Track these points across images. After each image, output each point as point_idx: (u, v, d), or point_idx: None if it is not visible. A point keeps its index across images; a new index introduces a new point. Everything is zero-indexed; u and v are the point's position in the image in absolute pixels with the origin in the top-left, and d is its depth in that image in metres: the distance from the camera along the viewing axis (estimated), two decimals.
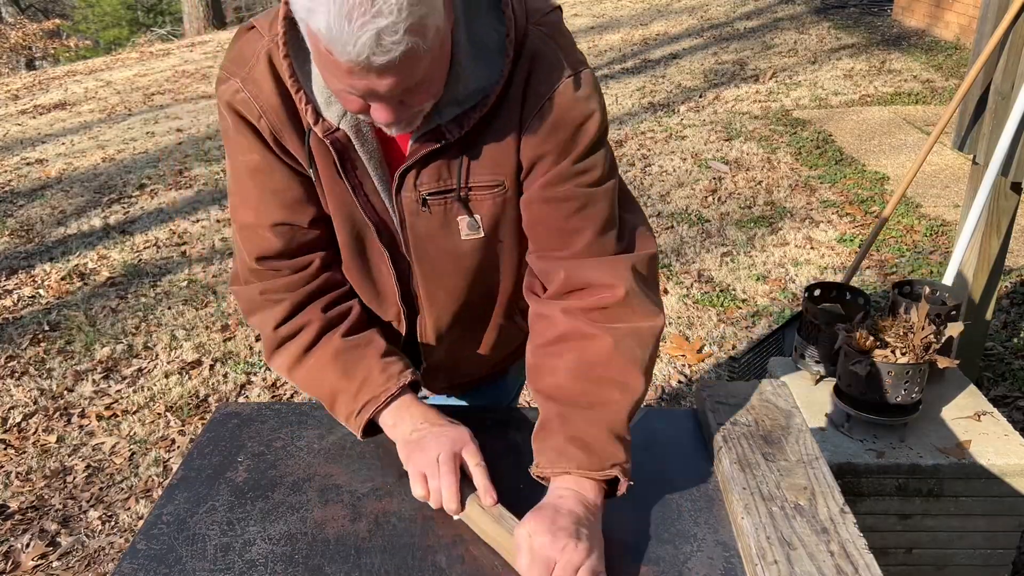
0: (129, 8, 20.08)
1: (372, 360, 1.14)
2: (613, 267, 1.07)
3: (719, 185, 4.78)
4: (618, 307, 1.06)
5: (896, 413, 1.92)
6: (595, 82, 1.06)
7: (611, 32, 9.23)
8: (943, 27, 7.77)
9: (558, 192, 1.06)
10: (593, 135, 1.05)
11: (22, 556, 2.40)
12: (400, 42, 0.82)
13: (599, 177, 1.07)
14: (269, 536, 1.04)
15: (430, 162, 1.05)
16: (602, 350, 1.05)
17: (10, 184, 5.82)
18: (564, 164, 1.05)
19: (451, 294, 1.19)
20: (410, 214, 1.09)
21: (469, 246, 1.12)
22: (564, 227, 1.07)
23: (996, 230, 2.45)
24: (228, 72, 1.06)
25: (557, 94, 1.02)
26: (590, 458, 1.01)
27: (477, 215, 1.09)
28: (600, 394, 1.04)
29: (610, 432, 1.02)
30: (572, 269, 1.08)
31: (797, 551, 0.95)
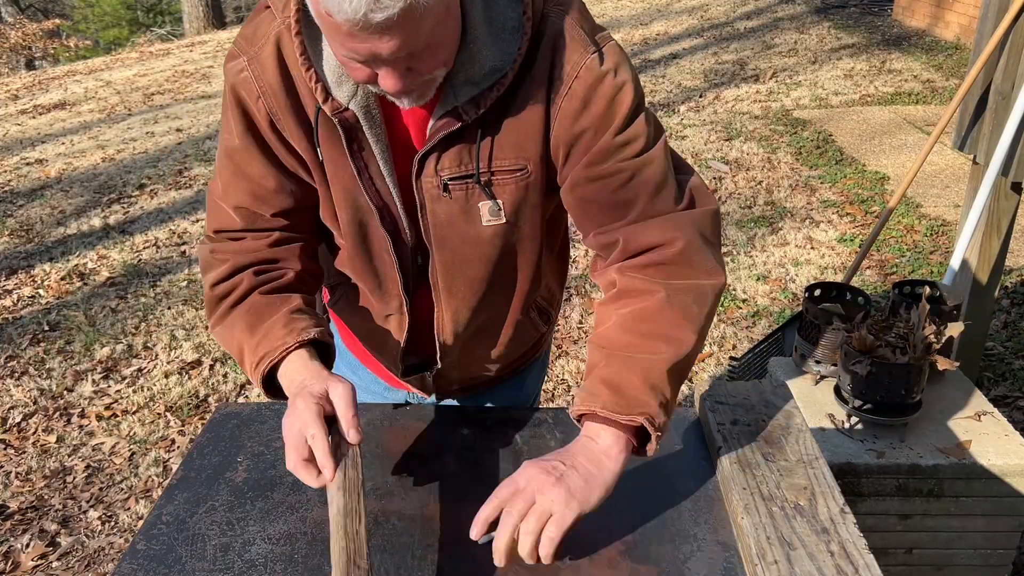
0: (129, 8, 20.08)
1: (280, 315, 1.10)
2: (671, 224, 1.04)
3: (719, 185, 4.78)
4: (676, 262, 1.04)
5: (896, 413, 1.92)
6: (621, 52, 1.04)
7: (611, 32, 9.22)
8: (943, 27, 7.78)
9: (603, 169, 1.04)
10: (628, 105, 1.02)
11: (22, 556, 2.40)
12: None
13: (643, 146, 1.04)
14: (269, 536, 1.04)
15: (450, 146, 1.03)
16: (654, 304, 1.02)
17: (10, 184, 5.82)
18: (605, 139, 1.03)
19: (471, 285, 1.17)
20: (431, 200, 1.07)
21: (490, 232, 1.11)
22: (615, 200, 1.05)
23: (996, 230, 2.45)
24: (239, 49, 1.06)
25: (584, 71, 1.00)
26: (617, 399, 0.98)
27: (499, 200, 1.08)
28: (644, 344, 1.01)
29: (645, 380, 0.99)
30: (630, 234, 1.06)
31: (797, 551, 0.95)
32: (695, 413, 1.29)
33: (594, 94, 1.01)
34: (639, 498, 1.10)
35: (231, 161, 1.11)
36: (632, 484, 1.13)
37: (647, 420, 0.97)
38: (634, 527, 1.05)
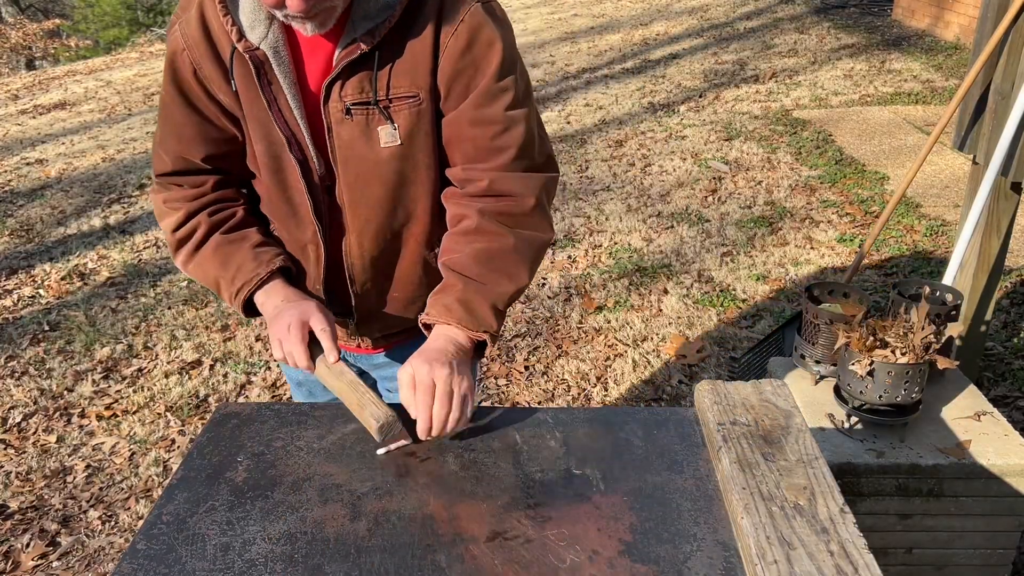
0: (129, 8, 20.07)
1: (246, 250, 1.32)
2: (528, 182, 1.26)
3: (719, 185, 4.78)
4: (525, 216, 1.27)
5: (896, 413, 1.92)
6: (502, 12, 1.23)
7: (611, 32, 9.23)
8: (943, 27, 7.78)
9: (484, 114, 1.21)
10: (502, 55, 1.20)
11: (22, 556, 2.40)
12: None
13: (518, 98, 1.23)
14: (269, 536, 1.04)
15: (352, 74, 1.19)
16: (504, 246, 1.25)
17: (10, 184, 5.82)
18: (485, 82, 1.20)
19: (372, 206, 1.30)
20: (336, 123, 1.22)
21: (388, 153, 1.25)
22: (490, 146, 1.23)
23: (996, 230, 2.45)
24: (176, 16, 1.25)
25: (470, 16, 1.17)
26: (470, 318, 1.22)
27: (395, 123, 1.22)
28: (492, 277, 1.25)
29: (492, 305, 1.24)
30: (495, 179, 1.25)
31: (797, 551, 0.95)
32: (695, 413, 1.29)
33: (478, 37, 1.18)
34: (639, 498, 1.10)
35: (162, 111, 1.30)
36: (632, 484, 1.13)
37: (490, 337, 1.24)
38: (633, 527, 1.05)
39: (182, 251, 1.35)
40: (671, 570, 0.98)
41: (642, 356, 3.21)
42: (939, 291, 2.19)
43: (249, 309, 1.33)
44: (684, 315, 3.46)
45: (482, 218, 1.26)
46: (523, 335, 3.40)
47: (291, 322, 1.23)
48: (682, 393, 2.97)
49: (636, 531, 1.04)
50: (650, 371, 3.11)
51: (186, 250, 1.34)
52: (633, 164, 5.22)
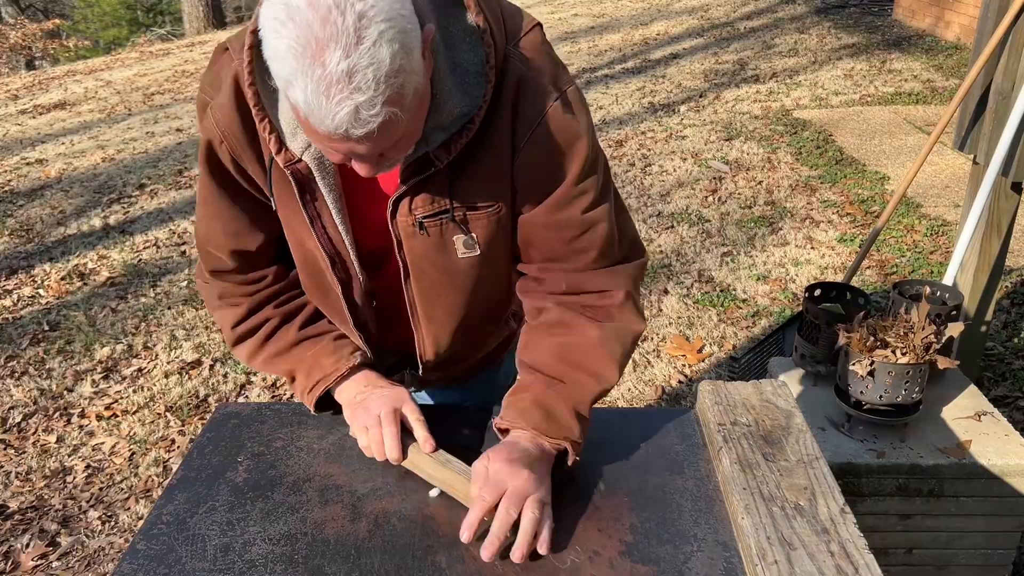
0: (129, 8, 20.07)
1: (324, 345, 1.24)
2: (613, 276, 1.15)
3: (719, 185, 4.78)
4: (611, 309, 1.15)
5: (896, 413, 1.92)
6: (581, 98, 1.09)
7: (611, 32, 9.23)
8: (944, 27, 7.77)
9: (561, 218, 1.10)
10: (585, 155, 1.07)
11: (22, 556, 2.40)
12: (378, 115, 0.83)
13: (596, 198, 1.10)
14: (269, 536, 1.04)
15: (422, 189, 1.06)
16: (587, 340, 1.13)
17: (10, 184, 5.82)
18: (563, 188, 1.08)
19: (449, 312, 1.21)
20: (407, 237, 1.11)
21: (466, 263, 1.14)
22: (567, 250, 1.13)
23: (996, 230, 2.45)
24: (205, 94, 1.09)
25: (547, 118, 1.04)
26: (549, 424, 1.09)
27: (473, 234, 1.11)
28: (574, 376, 1.12)
29: (573, 409, 1.10)
30: (574, 281, 1.15)
31: (797, 551, 0.95)
32: (695, 413, 1.29)
33: (556, 141, 1.05)
34: (639, 498, 1.10)
35: (204, 206, 1.17)
36: (633, 484, 1.13)
37: (571, 444, 1.09)
38: (634, 527, 1.05)
39: (244, 345, 1.26)
40: (672, 570, 0.98)
41: (642, 356, 3.20)
42: (939, 291, 2.19)
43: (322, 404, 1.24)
44: (684, 315, 3.46)
45: (563, 310, 1.15)
46: None
47: (382, 410, 1.13)
48: (682, 393, 2.97)
49: (637, 531, 1.04)
50: (650, 371, 3.11)
51: (251, 344, 1.25)
52: (633, 164, 5.22)
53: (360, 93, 0.81)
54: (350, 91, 0.81)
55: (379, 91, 0.82)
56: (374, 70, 0.80)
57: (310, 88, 0.81)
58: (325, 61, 0.79)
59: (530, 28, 1.05)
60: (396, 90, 0.83)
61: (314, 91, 0.81)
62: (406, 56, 0.83)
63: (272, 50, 0.82)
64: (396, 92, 0.83)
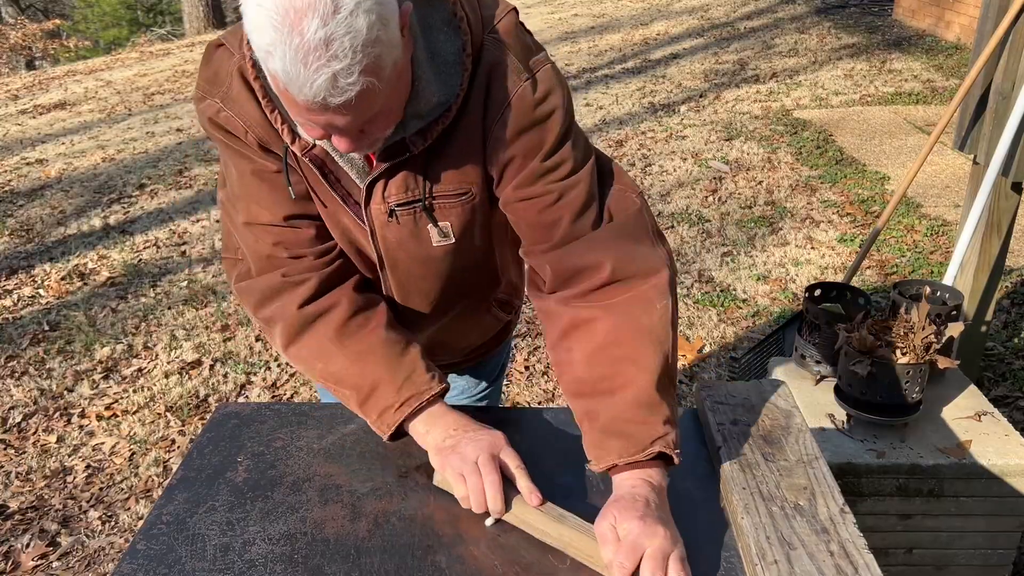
0: (129, 8, 20.07)
1: (417, 357, 1.14)
2: (593, 245, 1.06)
3: (719, 185, 4.78)
4: (608, 283, 1.06)
5: (896, 413, 1.92)
6: (554, 77, 1.06)
7: (611, 32, 9.23)
8: (944, 27, 7.77)
9: (531, 191, 1.07)
10: (557, 132, 1.06)
11: (22, 556, 2.40)
12: (356, 83, 0.84)
13: (570, 169, 1.07)
14: (269, 536, 1.04)
15: (396, 173, 1.06)
16: (606, 330, 1.04)
17: (10, 184, 5.82)
18: (533, 164, 1.06)
19: (425, 297, 1.22)
20: (380, 225, 1.11)
21: (441, 251, 1.15)
22: (540, 221, 1.08)
23: (996, 230, 2.45)
24: (205, 92, 1.07)
25: (515, 99, 1.03)
26: (627, 444, 1.00)
27: (446, 223, 1.11)
28: (617, 376, 1.03)
29: (639, 410, 1.01)
30: (556, 261, 1.08)
31: (797, 551, 0.95)
32: (695, 413, 1.29)
33: (525, 121, 1.04)
34: None
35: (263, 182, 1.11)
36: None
37: (663, 446, 1.00)
38: None
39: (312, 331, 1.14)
40: None
41: None
42: (939, 291, 2.19)
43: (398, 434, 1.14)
44: (684, 315, 3.46)
45: (566, 307, 1.08)
46: (523, 335, 3.40)
47: (480, 456, 1.04)
48: (682, 393, 2.97)
49: None
50: None
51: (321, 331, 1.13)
52: (633, 164, 5.22)
53: (337, 61, 0.82)
54: (327, 59, 0.82)
55: (356, 59, 0.83)
56: (351, 38, 0.82)
57: (288, 56, 0.82)
58: (303, 30, 0.80)
59: (505, 14, 1.06)
60: (373, 60, 0.84)
61: (292, 59, 0.82)
62: (383, 27, 0.84)
63: (252, 23, 0.83)
64: (373, 62, 0.85)
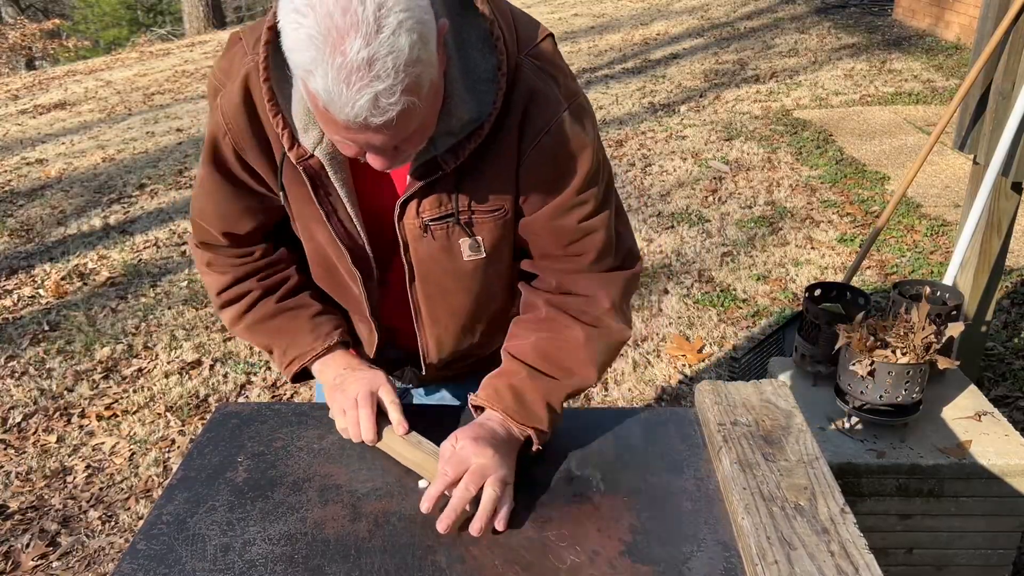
0: (129, 8, 20.07)
1: (303, 320, 1.26)
2: (602, 282, 1.17)
3: (719, 185, 4.78)
4: (598, 315, 1.16)
5: (896, 413, 1.92)
6: (589, 110, 1.10)
7: (611, 32, 9.23)
8: (944, 27, 7.77)
9: (560, 223, 1.11)
10: (589, 166, 1.09)
11: (22, 556, 2.40)
12: (397, 103, 0.84)
13: (596, 207, 1.12)
14: (269, 536, 1.04)
15: (430, 192, 1.07)
16: (572, 340, 1.15)
17: (10, 184, 5.82)
18: (564, 196, 1.09)
19: (452, 313, 1.23)
20: (413, 240, 1.12)
21: (472, 266, 1.16)
22: (563, 253, 1.15)
23: (996, 230, 2.45)
24: (217, 81, 1.10)
25: (555, 128, 1.05)
26: (519, 409, 1.12)
27: (478, 237, 1.12)
28: (552, 370, 1.15)
29: (545, 400, 1.13)
30: (564, 279, 1.17)
31: (797, 551, 0.95)
32: (695, 413, 1.29)
33: (561, 152, 1.07)
34: (639, 498, 1.10)
35: (202, 184, 1.18)
36: (633, 484, 1.13)
37: (536, 433, 1.13)
38: (634, 527, 1.05)
39: (228, 311, 1.28)
40: (671, 570, 0.98)
41: (642, 356, 3.21)
42: (940, 291, 2.19)
43: (299, 377, 1.28)
44: (684, 315, 3.46)
45: (551, 309, 1.18)
46: None
47: (359, 393, 1.15)
48: (682, 393, 2.97)
49: (636, 531, 1.04)
50: (650, 371, 3.11)
51: (233, 311, 1.27)
52: (633, 164, 5.22)
53: (380, 81, 0.82)
54: (370, 79, 0.81)
55: (398, 79, 0.83)
56: (394, 59, 0.81)
57: (331, 76, 0.81)
58: (345, 50, 0.80)
59: (543, 38, 1.06)
60: (414, 79, 0.84)
61: (335, 79, 0.81)
62: (423, 47, 0.84)
63: (292, 41, 0.83)
64: (414, 81, 0.84)
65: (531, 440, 1.13)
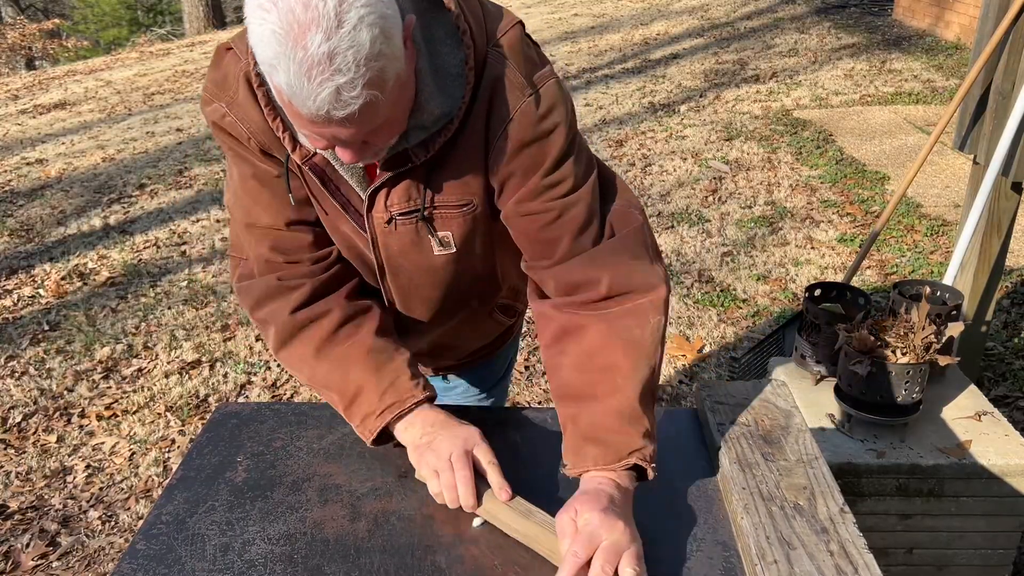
0: (129, 8, 20.08)
1: (402, 364, 1.15)
2: (593, 260, 1.08)
3: (719, 185, 4.78)
4: (605, 297, 1.08)
5: (896, 413, 1.92)
6: (558, 92, 1.06)
7: (611, 32, 9.23)
8: (944, 27, 7.77)
9: (531, 207, 1.08)
10: (559, 148, 1.06)
11: (22, 556, 2.40)
12: (359, 96, 0.85)
13: (571, 187, 1.08)
14: (268, 536, 1.04)
15: (398, 182, 1.07)
16: (598, 337, 1.06)
17: (10, 184, 5.82)
18: (534, 180, 1.07)
19: (426, 304, 1.23)
20: (381, 233, 1.12)
21: (442, 260, 1.16)
22: (541, 237, 1.10)
23: (996, 230, 2.45)
24: (212, 95, 1.09)
25: (519, 114, 1.03)
26: (605, 452, 1.01)
27: (446, 232, 1.12)
28: (602, 383, 1.04)
29: (620, 419, 1.02)
30: (558, 276, 1.10)
31: (797, 551, 0.95)
32: (695, 413, 1.29)
33: (527, 137, 1.04)
34: (639, 498, 1.10)
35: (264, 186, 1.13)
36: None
37: (640, 458, 1.01)
38: None
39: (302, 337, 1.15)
40: (671, 570, 0.98)
41: None
42: (939, 291, 2.19)
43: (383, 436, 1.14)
44: (684, 315, 3.46)
45: (562, 312, 1.10)
46: (523, 335, 3.40)
47: (453, 452, 1.05)
48: (682, 393, 2.97)
49: None
50: None
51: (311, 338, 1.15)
52: (633, 164, 5.22)
53: (341, 75, 0.83)
54: (331, 72, 0.83)
55: (359, 73, 0.84)
56: (354, 52, 0.83)
57: (292, 70, 0.83)
58: (307, 44, 0.81)
59: (510, 27, 1.06)
60: (376, 73, 0.85)
61: (296, 73, 0.83)
62: (386, 41, 0.85)
63: (256, 36, 0.84)
64: (376, 75, 0.85)
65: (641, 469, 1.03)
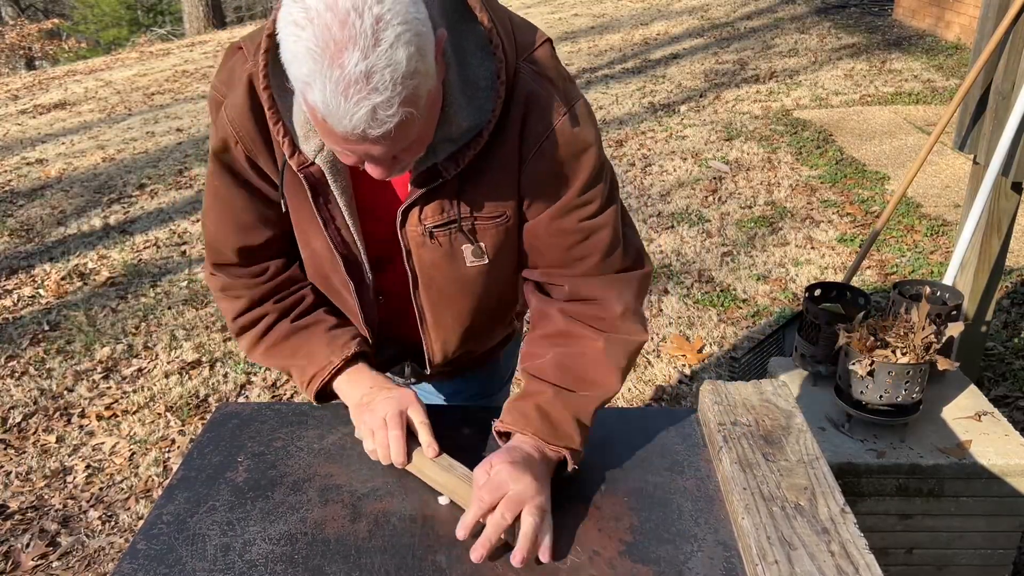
0: (129, 8, 20.08)
1: (319, 336, 1.23)
2: (614, 284, 1.15)
3: (719, 185, 4.78)
4: (613, 319, 1.15)
5: (896, 413, 1.92)
6: (589, 112, 1.10)
7: (611, 32, 9.23)
8: (944, 27, 7.77)
9: (562, 225, 1.11)
10: (591, 167, 1.09)
11: (22, 556, 2.40)
12: (395, 115, 0.85)
13: (600, 207, 1.11)
14: (269, 536, 1.04)
15: (431, 199, 1.07)
16: (590, 351, 1.14)
17: (10, 184, 5.82)
18: (567, 198, 1.09)
19: (457, 317, 1.23)
20: (416, 246, 1.12)
21: (475, 271, 1.16)
22: (569, 256, 1.14)
23: (996, 230, 2.45)
24: (218, 91, 1.10)
25: (555, 132, 1.05)
26: (550, 430, 1.10)
27: (481, 243, 1.13)
28: (577, 385, 1.13)
29: (574, 417, 1.11)
30: (576, 285, 1.15)
31: (797, 551, 0.95)
32: (696, 413, 1.29)
33: (562, 154, 1.07)
34: (639, 498, 1.10)
35: (215, 201, 1.18)
36: (633, 484, 1.13)
37: (570, 453, 1.10)
38: (634, 527, 1.05)
39: (245, 337, 1.27)
40: (672, 570, 0.98)
41: (642, 356, 3.20)
42: (939, 291, 2.19)
43: (323, 396, 1.25)
44: (684, 315, 3.46)
45: (566, 319, 1.16)
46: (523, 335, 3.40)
47: (388, 412, 1.13)
48: (682, 393, 2.97)
49: (636, 531, 1.04)
50: (650, 371, 3.11)
51: (250, 336, 1.26)
52: (633, 164, 5.22)
53: (378, 94, 0.82)
54: (368, 91, 0.82)
55: (396, 92, 0.83)
56: (391, 71, 0.82)
57: (329, 89, 0.82)
58: (344, 62, 0.80)
59: (541, 43, 1.06)
60: (412, 91, 0.85)
61: (333, 92, 0.82)
62: (421, 59, 0.84)
63: (290, 53, 0.83)
64: (412, 93, 0.85)
65: (566, 461, 1.11)
